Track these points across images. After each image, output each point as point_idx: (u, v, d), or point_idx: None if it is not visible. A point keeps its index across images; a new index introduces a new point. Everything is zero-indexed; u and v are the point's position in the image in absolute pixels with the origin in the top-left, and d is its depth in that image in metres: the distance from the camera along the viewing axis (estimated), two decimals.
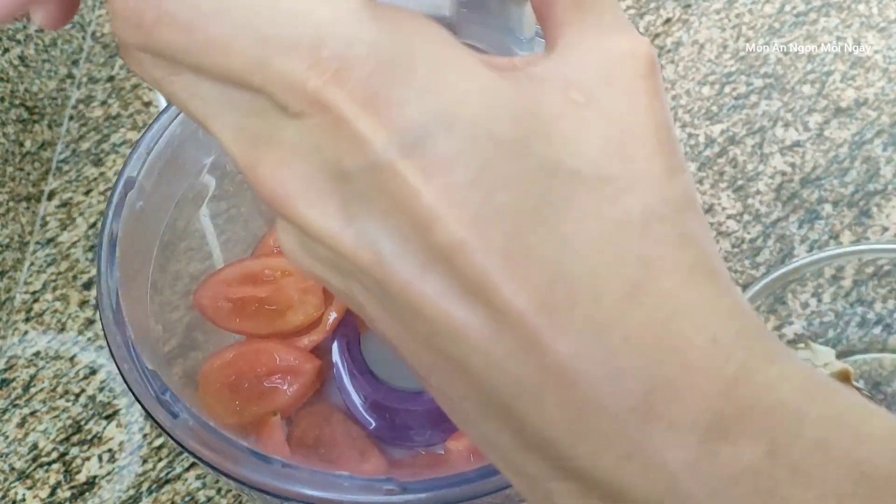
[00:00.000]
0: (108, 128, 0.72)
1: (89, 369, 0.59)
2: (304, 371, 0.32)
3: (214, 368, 0.31)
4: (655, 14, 0.74)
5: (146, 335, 0.30)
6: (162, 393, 0.27)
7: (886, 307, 0.59)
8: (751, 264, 0.61)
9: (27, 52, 0.68)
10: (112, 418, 0.57)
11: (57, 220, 0.67)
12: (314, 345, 0.33)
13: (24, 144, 0.66)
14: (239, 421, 0.31)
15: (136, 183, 0.32)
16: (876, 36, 0.73)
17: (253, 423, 0.31)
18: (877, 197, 0.64)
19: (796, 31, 0.74)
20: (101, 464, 0.56)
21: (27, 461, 0.56)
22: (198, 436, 0.26)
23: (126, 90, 0.74)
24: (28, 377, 0.59)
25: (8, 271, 0.62)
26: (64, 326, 0.61)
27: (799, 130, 0.67)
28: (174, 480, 0.55)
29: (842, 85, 0.70)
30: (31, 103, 0.68)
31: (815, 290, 0.59)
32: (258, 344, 0.32)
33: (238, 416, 0.31)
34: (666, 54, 0.72)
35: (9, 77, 0.65)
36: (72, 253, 0.65)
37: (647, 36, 0.73)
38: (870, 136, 0.67)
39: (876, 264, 0.60)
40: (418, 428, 0.33)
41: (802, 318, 0.59)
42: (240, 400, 0.31)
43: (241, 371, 0.31)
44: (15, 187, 0.64)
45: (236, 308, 0.33)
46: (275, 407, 0.31)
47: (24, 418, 0.58)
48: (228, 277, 0.33)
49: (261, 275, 0.33)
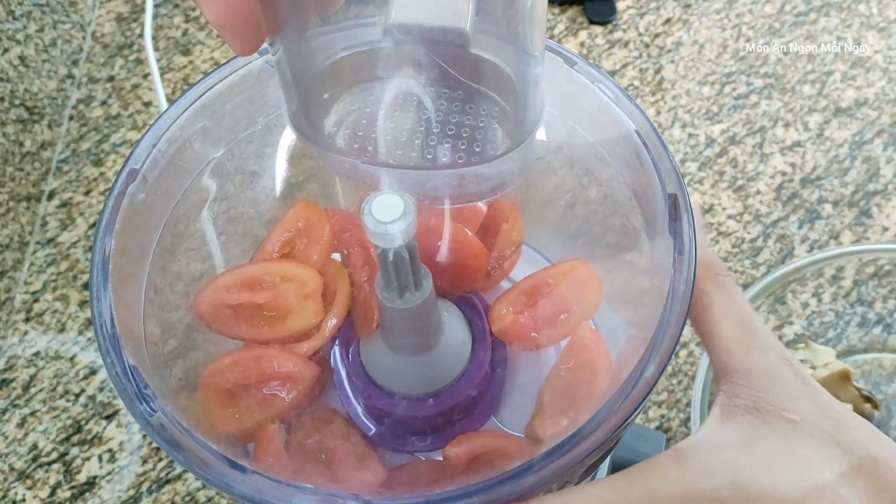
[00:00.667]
0: (108, 128, 0.72)
1: (89, 369, 0.59)
2: (304, 377, 0.32)
3: (213, 374, 0.31)
4: (655, 14, 0.74)
5: (134, 330, 0.30)
6: (143, 388, 0.27)
7: (886, 307, 0.59)
8: (751, 264, 0.61)
9: (27, 52, 0.68)
10: (112, 418, 0.57)
11: (57, 220, 0.67)
12: (314, 351, 0.33)
13: (24, 144, 0.66)
14: (239, 427, 0.31)
15: (138, 175, 0.32)
16: (876, 36, 0.73)
17: (252, 429, 0.31)
18: (877, 197, 0.64)
19: (796, 31, 0.74)
20: (101, 464, 0.56)
21: (27, 461, 0.56)
22: (170, 434, 0.26)
23: (126, 90, 0.74)
24: (28, 377, 0.59)
25: (8, 271, 0.62)
26: (64, 326, 0.61)
27: (799, 130, 0.67)
28: (174, 480, 0.55)
29: (842, 85, 0.70)
30: (31, 103, 0.67)
31: (816, 291, 0.59)
32: (257, 350, 0.32)
33: (238, 424, 0.31)
34: (666, 54, 0.72)
35: (9, 77, 0.65)
36: (72, 253, 0.65)
37: (647, 36, 0.72)
38: (870, 135, 0.67)
39: (876, 264, 0.60)
40: (418, 434, 0.33)
41: (803, 318, 0.59)
42: (238, 406, 0.31)
43: (239, 378, 0.31)
44: (15, 187, 0.64)
45: (235, 314, 0.33)
46: (274, 414, 0.31)
47: (24, 418, 0.58)
48: (227, 283, 0.33)
49: (260, 281, 0.33)
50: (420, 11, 0.26)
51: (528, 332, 0.33)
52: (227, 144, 0.36)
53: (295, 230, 0.36)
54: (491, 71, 0.27)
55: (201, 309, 0.32)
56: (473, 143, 0.28)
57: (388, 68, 0.28)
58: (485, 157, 0.28)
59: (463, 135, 0.28)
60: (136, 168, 0.31)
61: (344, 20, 0.27)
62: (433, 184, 0.28)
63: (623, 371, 0.27)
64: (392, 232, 0.26)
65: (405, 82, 0.28)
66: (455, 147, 0.28)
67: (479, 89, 0.28)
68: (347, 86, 0.29)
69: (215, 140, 0.35)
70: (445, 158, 0.28)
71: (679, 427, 0.55)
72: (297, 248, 0.35)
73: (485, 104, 0.28)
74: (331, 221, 0.36)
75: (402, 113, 0.28)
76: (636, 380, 0.26)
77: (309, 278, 0.33)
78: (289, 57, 0.26)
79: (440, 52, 0.26)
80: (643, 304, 0.31)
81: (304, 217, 0.36)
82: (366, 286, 0.34)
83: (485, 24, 0.26)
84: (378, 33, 0.27)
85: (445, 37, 0.26)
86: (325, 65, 0.28)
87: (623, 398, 0.26)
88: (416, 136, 0.28)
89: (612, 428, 0.25)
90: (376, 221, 0.26)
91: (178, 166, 0.34)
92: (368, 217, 0.26)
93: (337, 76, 0.28)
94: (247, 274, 0.33)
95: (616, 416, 0.26)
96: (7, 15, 0.65)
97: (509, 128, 0.29)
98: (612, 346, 0.32)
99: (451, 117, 0.28)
